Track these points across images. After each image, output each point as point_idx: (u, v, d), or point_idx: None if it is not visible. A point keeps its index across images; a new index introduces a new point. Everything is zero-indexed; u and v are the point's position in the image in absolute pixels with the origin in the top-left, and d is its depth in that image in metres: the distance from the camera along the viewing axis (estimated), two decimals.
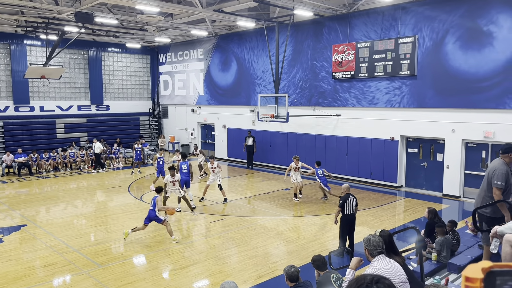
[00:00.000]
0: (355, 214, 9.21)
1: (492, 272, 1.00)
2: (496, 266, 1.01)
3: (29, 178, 19.02)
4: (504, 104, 13.18)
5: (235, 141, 22.63)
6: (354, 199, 9.16)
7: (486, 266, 1.01)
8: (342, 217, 9.14)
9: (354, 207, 9.13)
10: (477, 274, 1.00)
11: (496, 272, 1.00)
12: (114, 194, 15.75)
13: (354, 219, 9.22)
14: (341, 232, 9.24)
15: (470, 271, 1.02)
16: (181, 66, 26.07)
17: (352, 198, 9.13)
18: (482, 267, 1.01)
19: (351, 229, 9.19)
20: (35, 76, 19.51)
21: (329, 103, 18.03)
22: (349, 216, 9.10)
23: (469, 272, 1.02)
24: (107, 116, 25.98)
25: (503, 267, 1.00)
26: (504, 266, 1.00)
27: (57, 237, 10.66)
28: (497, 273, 1.00)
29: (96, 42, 25.03)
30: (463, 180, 14.60)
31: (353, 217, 9.18)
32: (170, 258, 9.26)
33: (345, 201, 9.05)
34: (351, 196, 9.15)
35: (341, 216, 9.15)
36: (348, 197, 9.09)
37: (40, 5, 15.82)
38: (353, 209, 9.11)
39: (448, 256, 7.29)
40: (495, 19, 13.13)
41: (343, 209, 9.06)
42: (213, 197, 14.86)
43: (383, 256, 4.29)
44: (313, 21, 18.18)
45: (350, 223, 9.15)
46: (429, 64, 14.77)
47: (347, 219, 9.10)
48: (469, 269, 1.03)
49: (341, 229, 9.24)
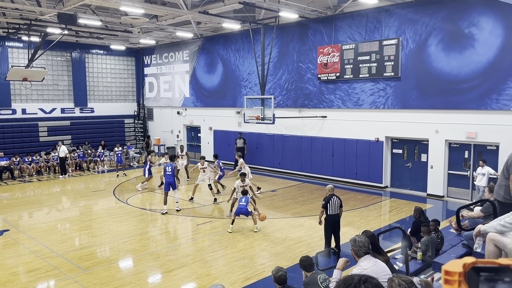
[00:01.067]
0: (339, 214, 9.24)
1: (475, 268, 1.01)
2: (479, 262, 1.02)
3: (11, 182, 18.66)
4: (485, 105, 13.44)
5: (221, 143, 22.58)
6: (338, 200, 9.20)
7: (469, 262, 1.02)
8: (325, 217, 9.18)
9: (338, 207, 9.16)
10: (456, 268, 1.01)
11: (479, 268, 1.01)
12: (98, 197, 15.55)
13: (338, 220, 9.24)
14: (325, 232, 9.30)
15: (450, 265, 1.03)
16: (166, 68, 25.92)
17: (335, 198, 9.17)
18: (464, 263, 1.02)
19: (335, 229, 9.23)
20: (17, 78, 19.13)
21: (314, 105, 18.13)
22: (333, 216, 9.13)
23: (449, 266, 1.03)
24: (91, 118, 25.65)
25: (486, 264, 1.01)
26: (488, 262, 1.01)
27: (41, 242, 10.48)
28: (480, 269, 1.01)
29: (80, 44, 24.71)
30: (446, 180, 14.82)
31: (337, 217, 9.20)
32: (157, 261, 9.18)
33: (327, 202, 9.11)
34: (335, 197, 9.20)
35: (325, 216, 9.19)
36: (331, 198, 9.14)
37: (22, 7, 15.55)
38: (336, 210, 9.14)
39: (433, 256, 7.39)
40: (476, 22, 13.39)
41: (326, 209, 9.10)
42: (200, 199, 14.80)
43: (369, 256, 4.33)
44: (298, 23, 18.27)
45: (334, 223, 9.19)
46: (413, 65, 14.99)
47: (330, 220, 9.13)
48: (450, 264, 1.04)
49: (325, 230, 9.30)
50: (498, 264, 0.99)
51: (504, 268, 0.99)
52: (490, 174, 12.52)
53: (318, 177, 18.24)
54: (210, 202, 14.47)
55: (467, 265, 1.01)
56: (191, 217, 12.82)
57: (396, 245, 9.07)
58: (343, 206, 9.48)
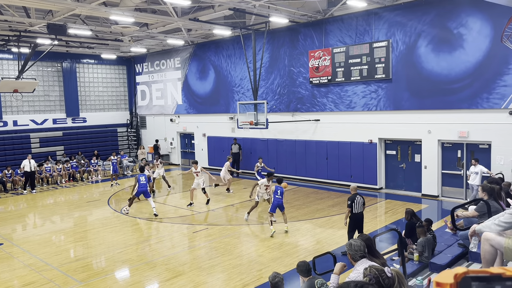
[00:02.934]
0: (362, 212, 9.57)
1: (466, 278, 1.01)
2: (471, 272, 1.02)
3: (4, 195, 18.47)
4: (476, 104, 13.55)
5: (215, 149, 22.54)
6: (361, 199, 9.53)
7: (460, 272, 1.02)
8: (350, 216, 9.50)
9: (361, 205, 9.51)
10: (447, 279, 1.01)
11: (471, 278, 1.01)
12: (93, 208, 15.43)
13: (362, 217, 9.58)
14: (348, 231, 9.57)
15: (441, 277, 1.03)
16: (158, 76, 25.89)
17: (359, 197, 9.51)
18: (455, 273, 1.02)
19: (360, 227, 9.54)
20: (7, 90, 18.97)
21: (307, 109, 18.18)
22: (357, 215, 9.47)
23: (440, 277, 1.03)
24: (84, 128, 25.50)
25: (478, 273, 1.01)
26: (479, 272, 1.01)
27: (35, 255, 10.36)
28: (472, 278, 1.01)
29: (70, 54, 24.61)
30: (440, 179, 14.90)
31: (361, 215, 9.54)
32: (153, 271, 9.11)
33: (353, 201, 9.43)
34: (359, 196, 9.52)
35: (350, 215, 9.50)
36: (356, 197, 9.47)
37: (11, 18, 15.48)
38: (360, 208, 9.48)
39: (430, 256, 7.41)
40: (465, 22, 13.52)
41: (352, 208, 9.42)
42: (194, 206, 14.74)
43: (365, 259, 4.32)
44: (288, 28, 18.35)
45: (359, 221, 9.51)
46: (403, 67, 15.09)
47: (355, 218, 9.46)
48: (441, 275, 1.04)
49: (349, 228, 9.57)
50: (490, 273, 1.00)
51: (495, 277, 0.99)
52: (483, 172, 12.60)
53: (313, 181, 18.25)
54: (206, 209, 14.42)
55: (459, 275, 1.01)
56: (187, 224, 12.76)
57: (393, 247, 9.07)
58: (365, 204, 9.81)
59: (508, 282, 0.98)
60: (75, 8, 14.04)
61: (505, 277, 0.99)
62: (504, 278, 0.99)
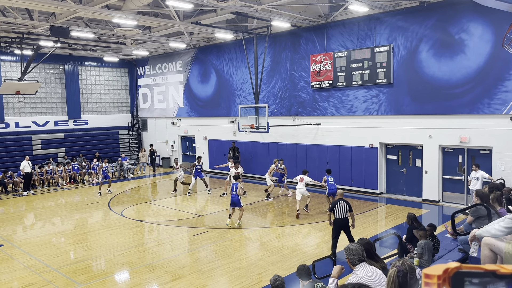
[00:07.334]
0: (347, 218, 9.61)
1: (459, 273, 1.00)
2: (464, 267, 1.00)
3: (5, 196, 18.49)
4: (477, 109, 13.55)
5: (216, 152, 22.55)
6: (346, 205, 9.56)
7: (452, 266, 1.01)
8: (334, 221, 9.60)
9: (346, 211, 9.54)
10: (436, 271, 1.00)
11: (463, 273, 1.00)
12: (93, 210, 15.44)
13: (345, 223, 9.62)
14: (333, 235, 9.68)
15: (431, 269, 1.02)
16: (160, 79, 25.94)
17: (342, 203, 9.55)
18: (447, 267, 1.00)
19: (346, 232, 9.64)
20: (9, 92, 19.03)
21: (308, 113, 18.19)
22: (341, 220, 9.54)
23: (429, 269, 1.02)
24: (85, 130, 25.55)
25: (471, 269, 1.00)
26: (473, 267, 1.00)
27: (35, 256, 10.36)
28: (465, 274, 1.00)
29: (73, 56, 24.70)
30: (441, 185, 14.87)
31: (344, 221, 9.58)
32: (153, 273, 9.10)
33: (334, 206, 9.58)
34: (342, 201, 9.58)
35: (333, 219, 9.60)
36: (338, 202, 9.57)
37: (14, 20, 15.56)
38: (344, 214, 9.53)
39: (429, 260, 7.38)
40: (466, 27, 13.54)
41: (334, 213, 9.53)
42: (194, 210, 14.73)
43: (364, 263, 4.32)
44: (290, 32, 18.40)
45: (343, 226, 9.60)
46: (405, 72, 15.11)
47: (339, 223, 9.55)
48: (432, 267, 1.03)
49: (333, 233, 9.70)
50: (484, 269, 0.98)
51: (489, 274, 0.98)
52: (484, 178, 12.56)
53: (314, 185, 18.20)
54: (206, 212, 14.41)
55: (451, 269, 1.00)
56: (187, 227, 12.75)
57: (393, 252, 9.05)
58: (353, 210, 9.80)
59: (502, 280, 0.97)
60: (78, 11, 14.10)
61: (499, 274, 0.97)
62: (498, 275, 0.97)
